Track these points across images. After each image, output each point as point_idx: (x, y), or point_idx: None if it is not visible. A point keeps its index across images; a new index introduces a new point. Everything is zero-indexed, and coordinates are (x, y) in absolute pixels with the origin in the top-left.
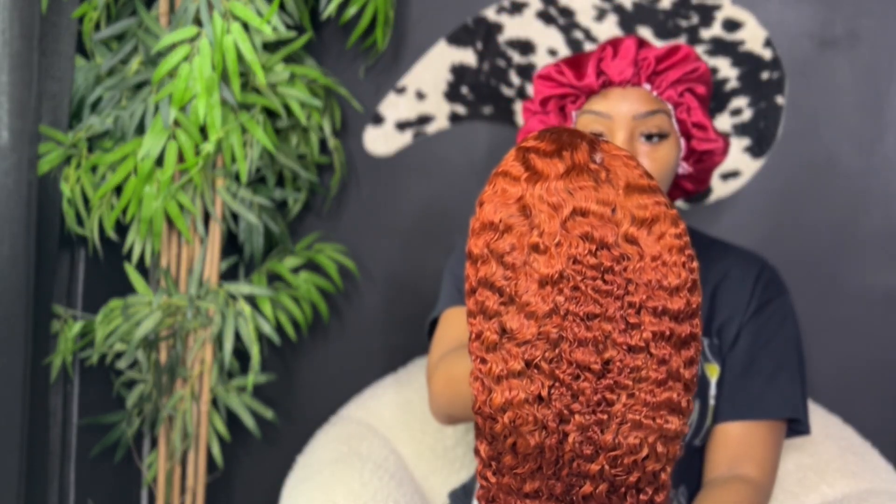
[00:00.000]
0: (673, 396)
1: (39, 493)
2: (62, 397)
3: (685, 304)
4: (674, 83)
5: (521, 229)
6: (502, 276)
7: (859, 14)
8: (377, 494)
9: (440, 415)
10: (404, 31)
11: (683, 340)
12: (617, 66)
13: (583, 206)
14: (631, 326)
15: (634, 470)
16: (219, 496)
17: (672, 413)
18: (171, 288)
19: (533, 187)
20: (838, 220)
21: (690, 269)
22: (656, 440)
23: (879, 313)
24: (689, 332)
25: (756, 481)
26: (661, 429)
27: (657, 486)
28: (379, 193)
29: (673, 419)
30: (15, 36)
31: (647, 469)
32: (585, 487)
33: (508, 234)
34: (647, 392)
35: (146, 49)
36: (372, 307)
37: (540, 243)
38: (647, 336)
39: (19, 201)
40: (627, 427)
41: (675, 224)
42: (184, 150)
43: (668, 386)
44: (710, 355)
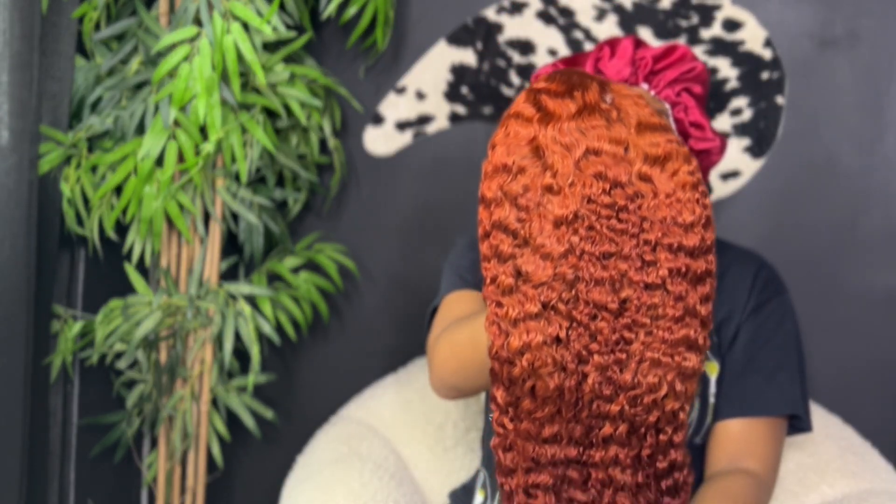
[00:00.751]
0: (690, 333)
1: (39, 493)
2: (62, 397)
3: (700, 240)
4: (671, 83)
5: (534, 170)
6: (516, 218)
7: (859, 14)
8: (377, 494)
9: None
10: (404, 31)
11: (699, 277)
12: (614, 66)
13: (595, 146)
14: (647, 264)
15: (654, 409)
16: (219, 496)
17: (690, 350)
18: (171, 288)
19: (545, 128)
20: (838, 220)
21: (704, 206)
22: (675, 378)
23: (879, 313)
24: (704, 269)
25: (758, 475)
26: (680, 366)
27: (676, 426)
28: (379, 193)
29: (691, 356)
30: (15, 36)
31: (667, 408)
32: (605, 429)
33: (522, 176)
34: (665, 329)
35: (146, 49)
36: (372, 307)
37: (553, 184)
38: (664, 273)
39: (19, 201)
40: (646, 365)
41: (687, 161)
42: (184, 150)
43: (686, 322)
44: (709, 353)
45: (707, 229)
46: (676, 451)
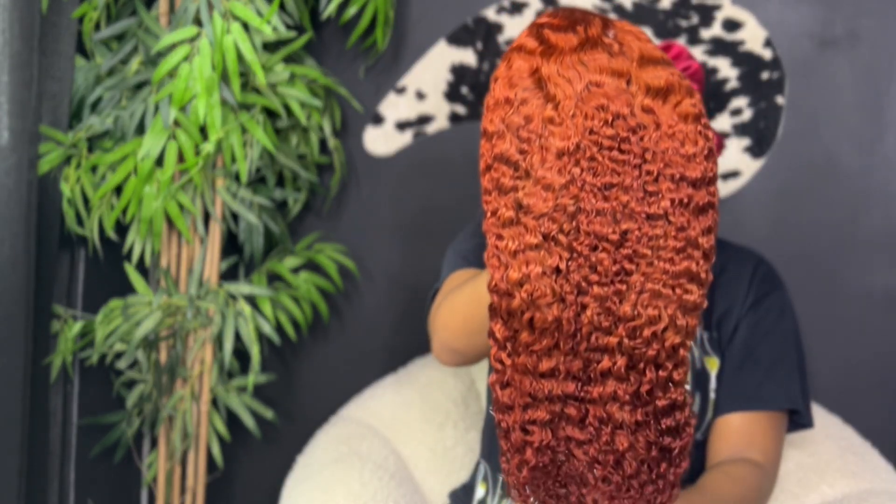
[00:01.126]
0: (692, 266)
1: (39, 493)
2: (62, 397)
3: (703, 171)
4: None
5: (536, 102)
6: (517, 150)
7: (859, 14)
8: (377, 494)
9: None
10: (404, 31)
11: (701, 208)
12: None
13: (597, 78)
14: (649, 195)
15: (654, 342)
16: (219, 496)
17: (691, 282)
18: (171, 288)
19: (547, 61)
20: (838, 219)
21: (706, 137)
22: (676, 310)
23: (879, 313)
24: (706, 200)
25: (760, 465)
26: (681, 299)
27: (677, 362)
28: (379, 193)
29: (692, 288)
30: (15, 36)
31: (667, 342)
32: (604, 363)
33: (524, 108)
34: (667, 261)
35: (146, 49)
36: (372, 307)
37: (555, 116)
38: (666, 204)
39: (19, 201)
40: (646, 297)
41: (690, 94)
42: (184, 150)
43: (687, 254)
44: (709, 349)
45: (709, 160)
46: (677, 390)
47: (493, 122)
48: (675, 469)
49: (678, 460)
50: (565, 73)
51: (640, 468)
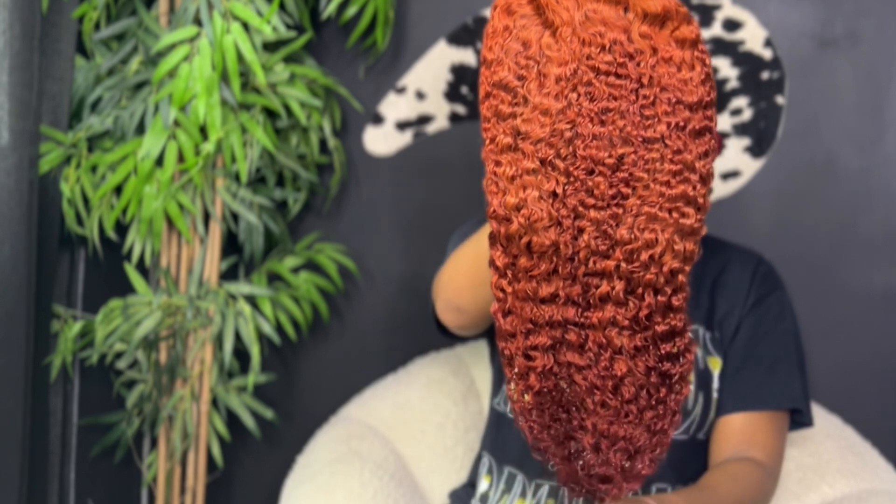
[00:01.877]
0: (688, 189)
1: (39, 493)
2: (62, 397)
3: (699, 96)
4: None
5: (534, 29)
6: (516, 76)
7: (859, 14)
8: (377, 494)
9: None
10: (404, 31)
11: (698, 131)
12: None
13: (595, 6)
14: (645, 119)
15: (651, 266)
16: (219, 496)
17: (688, 205)
18: (171, 288)
19: None
20: (838, 220)
21: (703, 62)
22: (673, 234)
23: (879, 313)
24: (704, 124)
25: (763, 464)
26: (678, 223)
27: (675, 287)
28: (379, 193)
29: (689, 211)
30: (15, 36)
31: (665, 267)
32: (602, 287)
33: (522, 34)
34: (663, 184)
35: (146, 49)
36: (372, 307)
37: (553, 42)
38: (662, 128)
39: (20, 201)
40: (643, 220)
41: (687, 21)
42: (184, 150)
43: (684, 177)
44: (712, 349)
45: (706, 85)
46: (676, 316)
47: (492, 49)
48: (674, 396)
49: (678, 386)
50: (563, 1)
51: (639, 393)
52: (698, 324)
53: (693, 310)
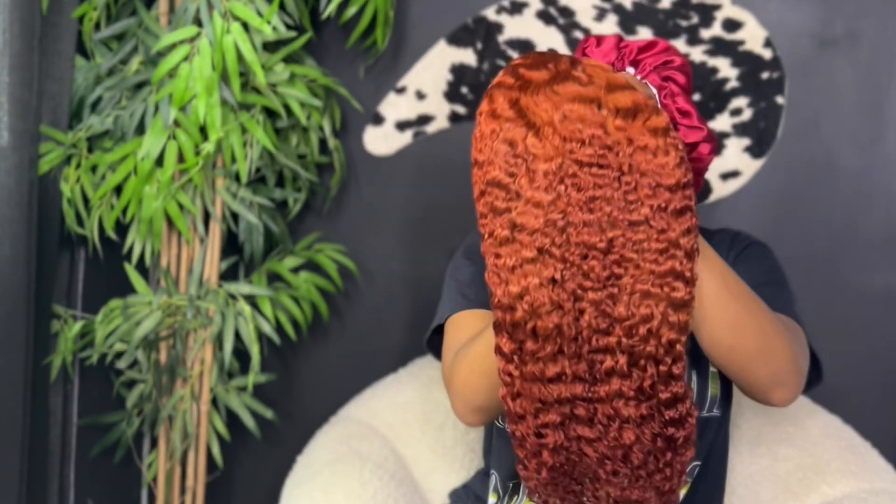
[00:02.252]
0: (676, 265)
1: (39, 493)
2: (62, 397)
3: (677, 178)
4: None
5: (519, 131)
6: (507, 173)
7: (859, 14)
8: (377, 494)
9: (469, 409)
10: (404, 31)
11: (680, 210)
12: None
13: (571, 105)
14: (630, 203)
15: (650, 339)
16: (219, 496)
17: (677, 280)
18: (171, 288)
19: (525, 93)
20: (838, 219)
21: (676, 147)
22: (666, 308)
23: (879, 313)
24: (684, 203)
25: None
26: (669, 296)
27: (674, 357)
28: (379, 193)
29: (678, 285)
30: (15, 36)
31: (663, 339)
32: (607, 362)
33: (508, 136)
34: (652, 262)
35: (146, 49)
36: (372, 307)
37: (537, 141)
38: (646, 211)
39: (20, 201)
40: (637, 297)
41: (657, 112)
42: (184, 150)
43: (671, 254)
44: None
45: (682, 168)
46: (677, 384)
47: (482, 151)
48: (680, 457)
49: (683, 449)
50: (542, 103)
51: (647, 459)
52: None
53: None
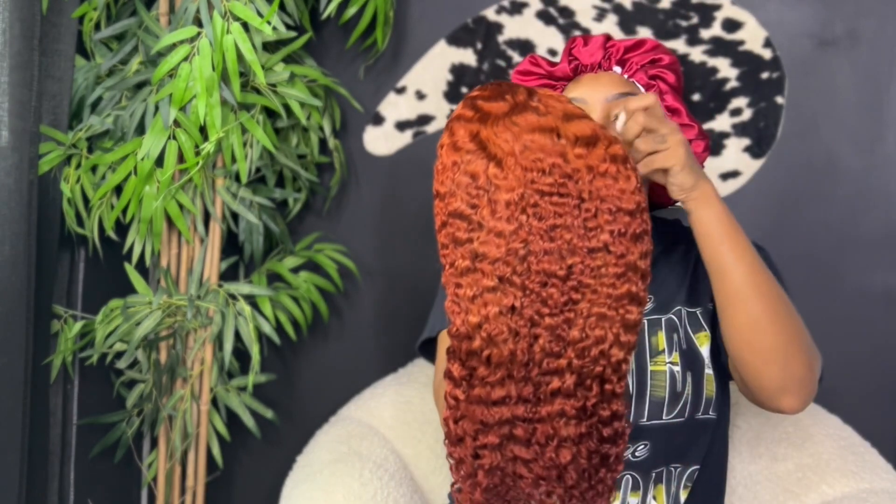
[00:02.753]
0: (632, 288)
1: (39, 493)
2: (62, 397)
3: (636, 203)
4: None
5: (480, 163)
6: (468, 205)
7: (859, 14)
8: (377, 494)
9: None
10: (404, 31)
11: (638, 235)
12: (587, 51)
13: (530, 136)
14: (589, 230)
15: (601, 359)
16: (219, 496)
17: (631, 303)
18: (171, 288)
19: (485, 125)
20: (838, 219)
21: (635, 174)
22: (619, 329)
23: (879, 313)
24: (642, 227)
25: None
26: (623, 318)
27: (620, 376)
28: (379, 193)
29: (633, 309)
30: (15, 36)
31: (612, 358)
32: (553, 383)
33: (469, 167)
34: (609, 286)
35: (146, 49)
36: (372, 307)
37: (499, 172)
38: (606, 237)
39: (20, 201)
40: (593, 320)
41: (613, 141)
42: (184, 150)
43: (627, 278)
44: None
45: (641, 193)
46: (619, 402)
47: (443, 183)
48: (612, 474)
49: (615, 465)
50: (502, 134)
51: (581, 478)
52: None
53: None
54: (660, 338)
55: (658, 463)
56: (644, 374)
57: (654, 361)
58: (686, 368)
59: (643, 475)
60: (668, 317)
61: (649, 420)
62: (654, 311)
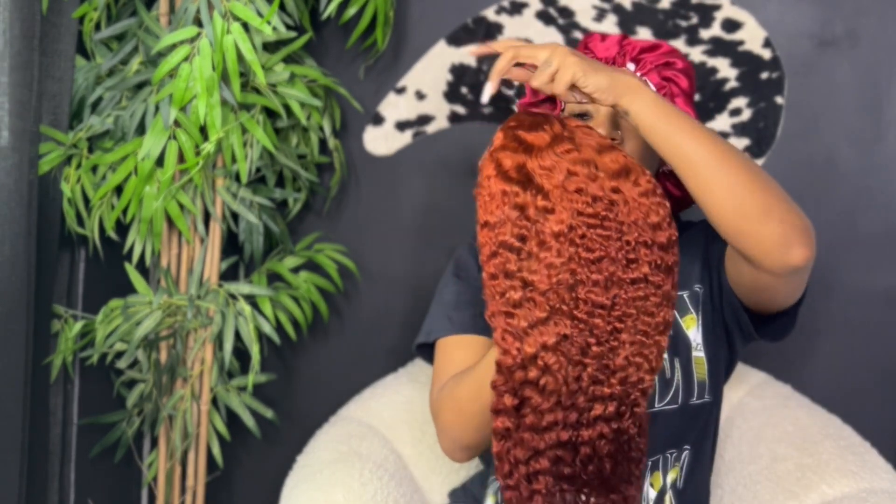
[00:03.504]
0: (668, 315)
1: (39, 493)
2: (62, 397)
3: (668, 237)
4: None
5: (528, 194)
6: (517, 236)
7: (859, 14)
8: (377, 494)
9: (459, 448)
10: (404, 31)
11: (670, 267)
12: (604, 46)
13: (572, 167)
14: (630, 262)
15: (639, 384)
16: (219, 496)
17: (665, 330)
18: (171, 288)
19: (529, 156)
20: (838, 219)
21: (665, 206)
22: (655, 356)
23: (879, 313)
24: (673, 260)
25: None
26: (658, 345)
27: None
28: (379, 193)
29: (665, 335)
30: (15, 36)
31: (646, 384)
32: (596, 409)
33: (518, 199)
34: (649, 315)
35: (146, 49)
36: (372, 307)
37: (547, 204)
38: (645, 269)
39: (20, 201)
40: (636, 347)
41: (643, 172)
42: (184, 150)
43: (664, 306)
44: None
45: (670, 227)
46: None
47: (493, 213)
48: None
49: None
50: (546, 165)
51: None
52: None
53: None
54: None
55: (655, 451)
56: None
57: None
58: (673, 355)
59: None
60: None
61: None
62: None
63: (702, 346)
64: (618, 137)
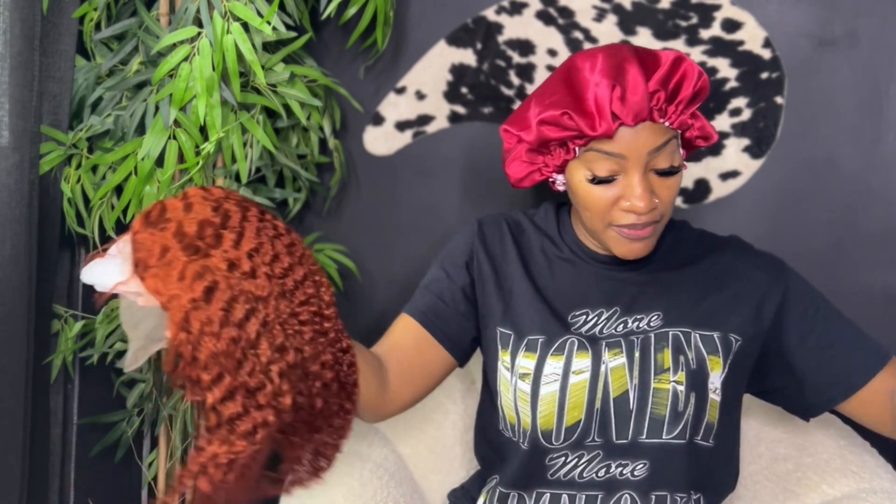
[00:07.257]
0: (298, 274)
1: (40, 493)
2: (62, 397)
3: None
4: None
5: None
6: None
7: (859, 14)
8: (377, 494)
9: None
10: (404, 31)
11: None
12: (632, 109)
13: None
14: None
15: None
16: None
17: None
18: None
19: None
20: (838, 219)
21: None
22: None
23: (879, 313)
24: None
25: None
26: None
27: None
28: (379, 193)
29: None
30: (15, 36)
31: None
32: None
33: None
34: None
35: (146, 49)
36: (372, 307)
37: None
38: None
39: (20, 201)
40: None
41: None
42: (184, 149)
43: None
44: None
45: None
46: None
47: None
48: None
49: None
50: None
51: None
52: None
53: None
54: (665, 355)
55: (657, 485)
56: (647, 390)
57: (658, 379)
58: (690, 389)
59: (642, 496)
60: (675, 333)
61: (649, 438)
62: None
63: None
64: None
